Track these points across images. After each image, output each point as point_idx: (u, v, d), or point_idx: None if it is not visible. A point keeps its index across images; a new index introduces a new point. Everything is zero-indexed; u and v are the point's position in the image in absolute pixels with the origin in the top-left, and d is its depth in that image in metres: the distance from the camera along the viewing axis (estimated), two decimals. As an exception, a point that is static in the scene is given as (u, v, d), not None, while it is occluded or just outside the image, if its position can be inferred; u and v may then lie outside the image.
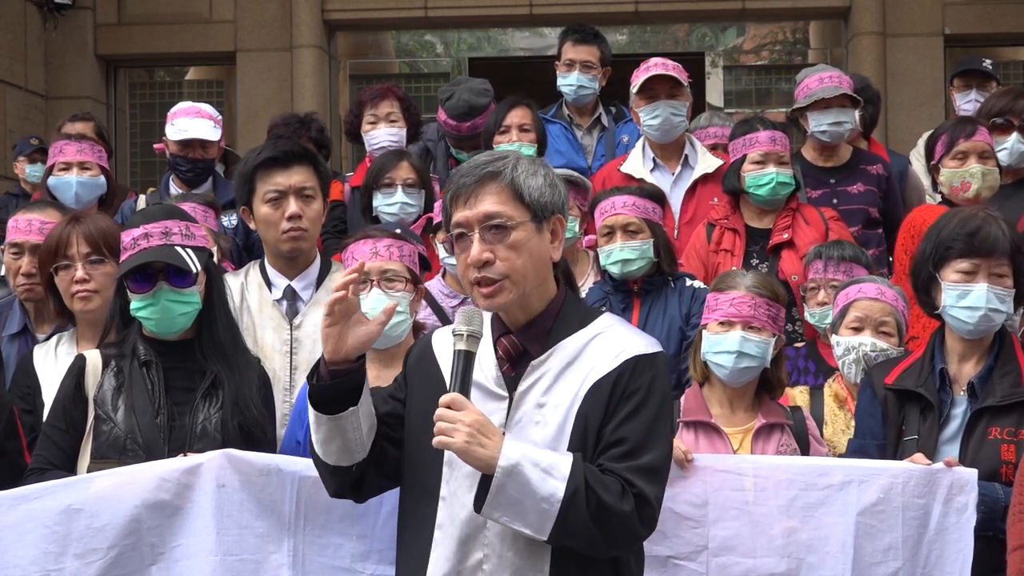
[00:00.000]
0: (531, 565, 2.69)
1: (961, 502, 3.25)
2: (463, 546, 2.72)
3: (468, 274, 2.76)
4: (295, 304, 4.12)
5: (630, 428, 2.70)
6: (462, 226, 2.76)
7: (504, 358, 2.80)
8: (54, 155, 5.55)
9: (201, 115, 5.86)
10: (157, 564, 3.17)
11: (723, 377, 3.74)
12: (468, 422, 2.60)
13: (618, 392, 2.72)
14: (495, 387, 2.78)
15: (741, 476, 3.35)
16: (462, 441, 2.59)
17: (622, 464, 2.67)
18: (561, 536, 2.63)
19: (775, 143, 5.01)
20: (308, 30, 9.71)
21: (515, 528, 2.63)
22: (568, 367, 2.76)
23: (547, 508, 2.60)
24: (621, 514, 2.64)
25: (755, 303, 3.71)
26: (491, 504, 2.61)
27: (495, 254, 2.72)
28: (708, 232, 5.12)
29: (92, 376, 3.42)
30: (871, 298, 4.05)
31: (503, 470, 2.59)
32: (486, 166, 2.78)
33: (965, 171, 4.81)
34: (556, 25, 9.03)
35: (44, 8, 9.50)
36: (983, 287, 3.49)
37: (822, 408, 4.04)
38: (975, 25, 9.51)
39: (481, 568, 2.71)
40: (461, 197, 2.76)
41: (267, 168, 4.05)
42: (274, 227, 4.06)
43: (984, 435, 3.43)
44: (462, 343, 2.68)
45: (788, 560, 3.29)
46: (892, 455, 3.48)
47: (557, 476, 2.61)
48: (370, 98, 6.03)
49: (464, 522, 2.72)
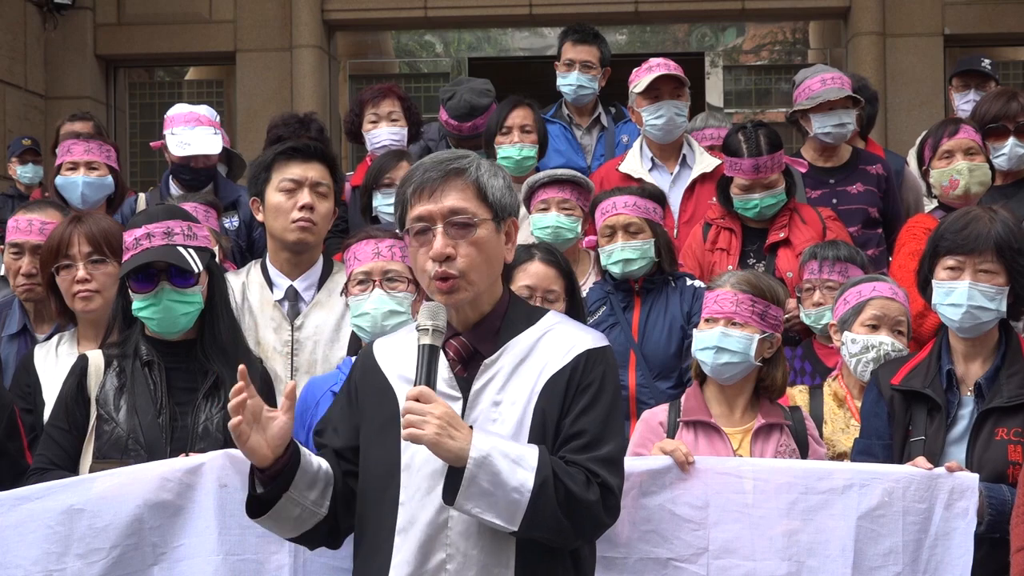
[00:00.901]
0: (496, 561, 2.69)
1: (962, 507, 3.25)
2: (423, 547, 2.70)
3: (427, 268, 2.75)
4: (297, 305, 4.12)
5: (588, 420, 2.73)
6: (424, 220, 2.75)
7: (456, 359, 2.80)
8: (62, 155, 5.52)
9: (201, 123, 5.82)
10: (159, 564, 3.17)
11: (708, 373, 3.74)
12: (438, 415, 2.60)
13: (573, 386, 2.75)
14: (448, 388, 2.77)
15: (741, 479, 3.34)
16: (432, 433, 2.58)
17: (583, 455, 2.70)
18: (531, 526, 2.63)
19: (758, 172, 4.92)
20: (308, 30, 9.71)
21: (486, 519, 2.62)
22: (520, 364, 2.78)
23: (518, 498, 2.60)
24: (588, 503, 2.66)
25: (737, 299, 3.71)
26: (463, 495, 2.60)
27: (457, 250, 2.73)
28: (704, 231, 5.12)
29: (94, 376, 3.43)
30: (887, 297, 4.04)
31: (474, 461, 2.59)
32: (451, 162, 2.79)
33: (952, 169, 4.81)
34: (556, 25, 9.04)
35: (44, 8, 9.50)
36: (964, 284, 3.49)
37: (822, 407, 4.04)
38: (975, 25, 9.52)
39: (444, 568, 2.70)
40: (425, 191, 2.75)
41: (287, 158, 4.08)
42: (284, 215, 4.06)
43: (991, 436, 3.42)
44: (427, 338, 2.67)
45: (789, 563, 3.28)
46: (898, 455, 3.48)
47: (526, 467, 2.62)
48: (371, 98, 6.03)
49: (426, 524, 2.71)
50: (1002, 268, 3.49)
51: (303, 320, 4.08)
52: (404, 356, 2.83)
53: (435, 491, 2.68)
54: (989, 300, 3.48)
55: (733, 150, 5.00)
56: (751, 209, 4.97)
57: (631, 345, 4.53)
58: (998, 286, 3.49)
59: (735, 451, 3.65)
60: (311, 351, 4.04)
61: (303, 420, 3.75)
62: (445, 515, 2.70)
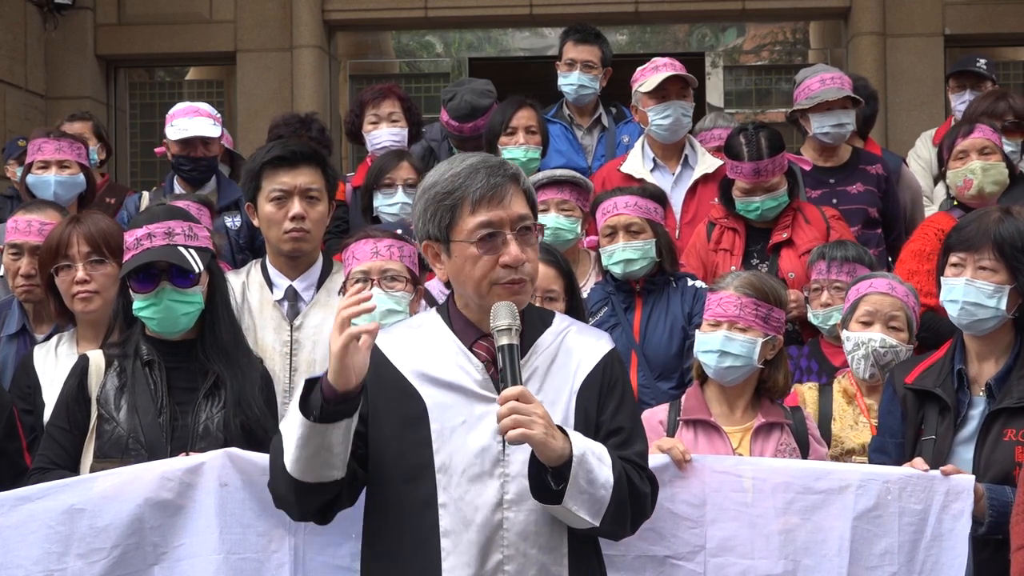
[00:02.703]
0: (553, 560, 2.74)
1: (957, 509, 3.26)
2: (482, 550, 2.71)
3: (494, 274, 2.73)
4: (296, 305, 4.12)
5: (623, 417, 2.84)
6: (494, 226, 2.74)
7: (490, 361, 2.79)
8: (32, 153, 5.50)
9: (199, 113, 5.87)
10: (160, 563, 3.17)
11: (711, 375, 3.76)
12: (541, 414, 2.62)
13: (605, 384, 2.83)
14: (481, 390, 2.77)
15: (739, 477, 3.36)
16: (541, 432, 2.60)
17: (625, 451, 2.79)
18: (607, 520, 2.71)
19: (759, 175, 4.92)
20: (308, 30, 9.71)
21: (579, 515, 2.67)
22: (552, 364, 2.82)
23: (604, 494, 2.68)
24: (644, 496, 2.81)
25: (741, 303, 3.71)
26: (569, 493, 2.63)
27: (525, 255, 2.75)
28: (708, 231, 5.13)
29: (95, 376, 3.43)
30: (881, 292, 4.06)
31: (577, 459, 2.63)
32: (508, 168, 2.80)
33: (966, 169, 4.81)
34: (556, 25, 9.04)
35: (44, 8, 9.49)
36: (960, 281, 3.49)
37: (831, 404, 4.04)
38: (975, 25, 9.51)
39: (502, 569, 2.71)
40: (494, 197, 2.73)
41: (274, 167, 4.04)
42: (277, 226, 4.06)
43: (1000, 437, 3.41)
44: (507, 337, 2.67)
45: (785, 562, 3.30)
46: (910, 454, 3.49)
47: (606, 463, 2.70)
48: (371, 98, 6.03)
49: (481, 525, 2.71)
50: (1003, 266, 3.48)
51: (302, 320, 4.08)
52: (420, 353, 2.82)
53: (485, 493, 2.70)
54: (987, 297, 3.47)
55: (734, 153, 5.00)
56: (752, 211, 4.97)
57: (632, 346, 4.53)
58: (997, 283, 3.47)
59: (735, 450, 3.66)
60: (310, 351, 4.04)
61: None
62: (499, 516, 2.72)
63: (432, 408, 2.77)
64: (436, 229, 2.79)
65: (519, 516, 2.70)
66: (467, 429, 2.75)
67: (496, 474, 2.73)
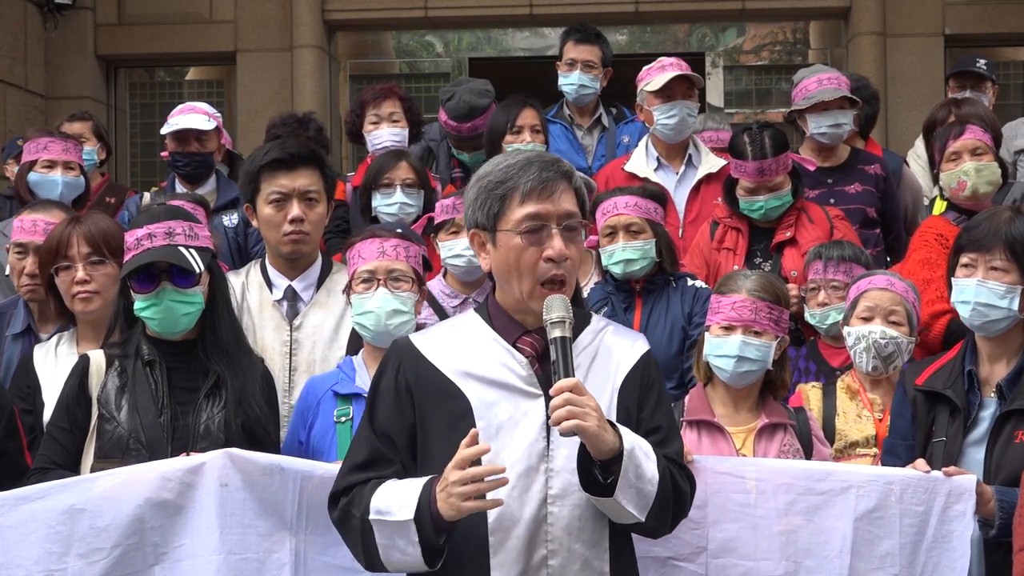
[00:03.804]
0: (595, 555, 2.75)
1: (959, 510, 3.25)
2: (528, 545, 2.72)
3: (539, 268, 2.74)
4: (295, 305, 4.12)
5: (661, 416, 2.88)
6: (541, 218, 2.75)
7: (534, 356, 2.80)
8: (36, 151, 5.50)
9: (195, 110, 5.90)
10: (160, 564, 3.17)
11: (724, 379, 3.75)
12: (594, 407, 2.63)
13: (645, 382, 2.87)
14: (526, 386, 2.78)
15: (742, 479, 3.36)
16: (595, 425, 2.61)
17: (665, 449, 2.81)
18: (652, 515, 2.72)
19: (762, 175, 4.90)
20: (308, 30, 9.71)
21: (627, 510, 2.67)
22: (594, 361, 2.84)
23: (650, 489, 2.69)
24: (685, 493, 2.83)
25: (756, 307, 3.71)
26: (621, 486, 2.64)
27: (567, 251, 2.76)
28: (711, 230, 5.12)
29: (96, 376, 3.43)
30: (880, 288, 4.06)
31: (627, 453, 2.65)
32: (561, 164, 2.81)
33: (959, 171, 4.81)
34: (556, 25, 9.04)
35: (44, 8, 9.49)
36: (972, 282, 3.49)
37: (835, 402, 4.04)
38: (975, 25, 9.51)
39: (547, 564, 2.72)
40: (544, 190, 2.75)
41: (272, 169, 4.05)
42: (276, 229, 4.06)
43: (1010, 439, 3.39)
44: (560, 330, 2.68)
45: (787, 563, 3.29)
46: (920, 456, 3.48)
47: (652, 459, 2.72)
48: (372, 98, 6.03)
49: (528, 521, 2.72)
50: (1015, 266, 3.47)
51: (302, 320, 4.08)
52: (461, 352, 2.82)
53: (532, 488, 2.71)
54: (999, 298, 3.47)
55: (738, 152, 4.99)
56: (756, 211, 4.97)
57: (632, 345, 4.52)
58: (1009, 284, 3.47)
59: (738, 450, 3.66)
60: (310, 351, 4.04)
61: (304, 419, 3.75)
62: (544, 511, 2.73)
63: (477, 406, 2.77)
64: (484, 217, 2.80)
65: (563, 511, 2.72)
66: (513, 425, 2.75)
67: (541, 469, 2.74)
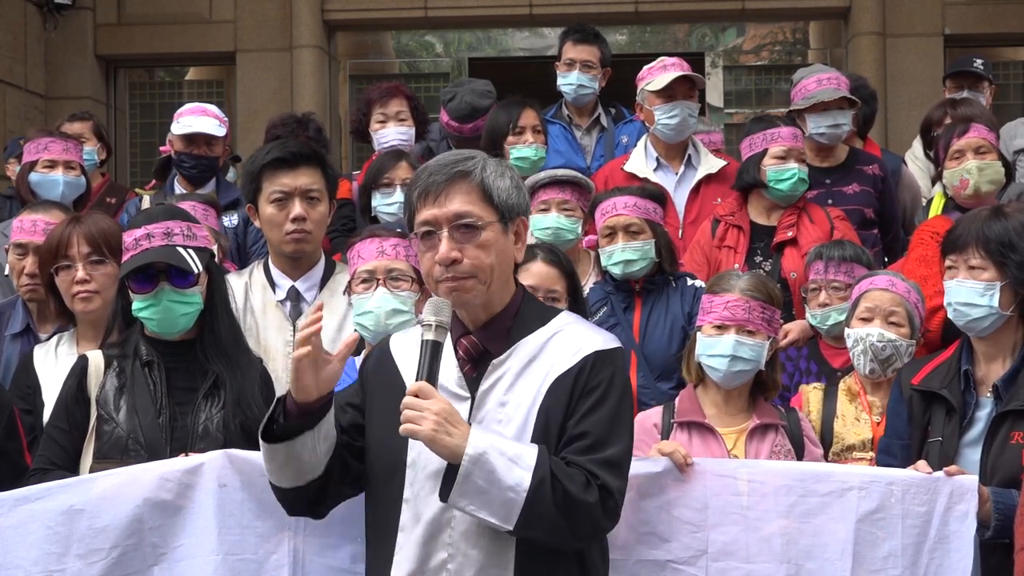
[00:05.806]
0: (495, 562, 2.70)
1: (961, 510, 3.23)
2: (426, 546, 2.71)
3: (433, 272, 2.76)
4: (299, 305, 4.12)
5: (592, 422, 2.73)
6: (430, 224, 2.76)
7: (465, 359, 2.80)
8: (37, 151, 5.51)
9: (207, 113, 5.92)
10: (159, 564, 3.17)
11: (717, 380, 3.74)
12: (436, 410, 2.61)
13: (579, 388, 2.75)
14: (456, 388, 2.78)
15: (740, 481, 3.33)
16: (429, 429, 2.59)
17: (585, 457, 2.70)
18: (526, 526, 2.63)
19: (796, 139, 5.01)
20: (308, 30, 9.72)
21: (481, 518, 2.63)
22: (529, 365, 2.78)
23: (513, 497, 2.60)
24: (586, 505, 2.65)
25: (749, 306, 3.71)
26: (457, 492, 2.60)
27: (463, 253, 2.73)
28: (713, 227, 5.12)
29: (94, 376, 3.43)
30: (881, 289, 4.04)
31: (470, 458, 2.59)
32: (456, 165, 2.78)
33: (962, 169, 4.80)
34: (556, 25, 9.04)
35: (44, 8, 9.50)
36: (953, 283, 3.49)
37: (835, 404, 4.03)
38: (975, 25, 9.51)
39: (445, 568, 2.71)
40: (431, 195, 2.76)
41: (274, 168, 4.05)
42: (278, 228, 4.06)
43: (1006, 439, 3.37)
44: (430, 333, 2.69)
45: (787, 566, 3.27)
46: (917, 456, 3.47)
47: (523, 465, 2.62)
48: (379, 97, 6.02)
49: (428, 522, 2.72)
50: (990, 263, 3.46)
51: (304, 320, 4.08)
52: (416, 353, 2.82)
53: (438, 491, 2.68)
54: (979, 296, 3.46)
55: (767, 124, 5.06)
56: (787, 180, 4.93)
57: (632, 346, 4.52)
58: (986, 282, 3.46)
59: (730, 451, 3.65)
60: (312, 351, 4.03)
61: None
62: (448, 514, 2.70)
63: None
64: (407, 224, 2.86)
65: (465, 516, 2.68)
66: None
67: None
